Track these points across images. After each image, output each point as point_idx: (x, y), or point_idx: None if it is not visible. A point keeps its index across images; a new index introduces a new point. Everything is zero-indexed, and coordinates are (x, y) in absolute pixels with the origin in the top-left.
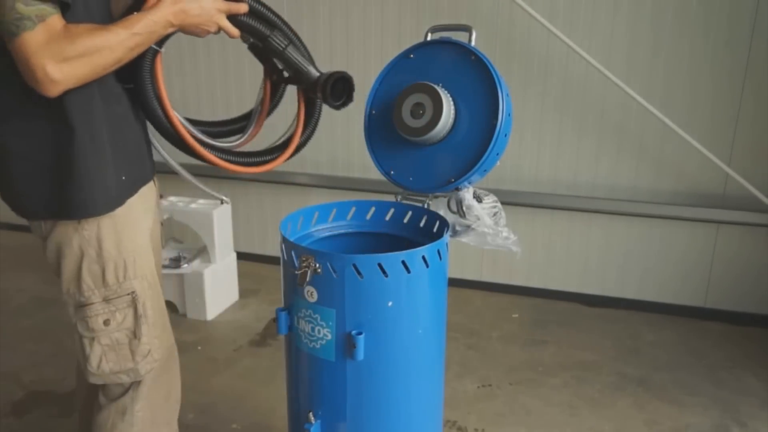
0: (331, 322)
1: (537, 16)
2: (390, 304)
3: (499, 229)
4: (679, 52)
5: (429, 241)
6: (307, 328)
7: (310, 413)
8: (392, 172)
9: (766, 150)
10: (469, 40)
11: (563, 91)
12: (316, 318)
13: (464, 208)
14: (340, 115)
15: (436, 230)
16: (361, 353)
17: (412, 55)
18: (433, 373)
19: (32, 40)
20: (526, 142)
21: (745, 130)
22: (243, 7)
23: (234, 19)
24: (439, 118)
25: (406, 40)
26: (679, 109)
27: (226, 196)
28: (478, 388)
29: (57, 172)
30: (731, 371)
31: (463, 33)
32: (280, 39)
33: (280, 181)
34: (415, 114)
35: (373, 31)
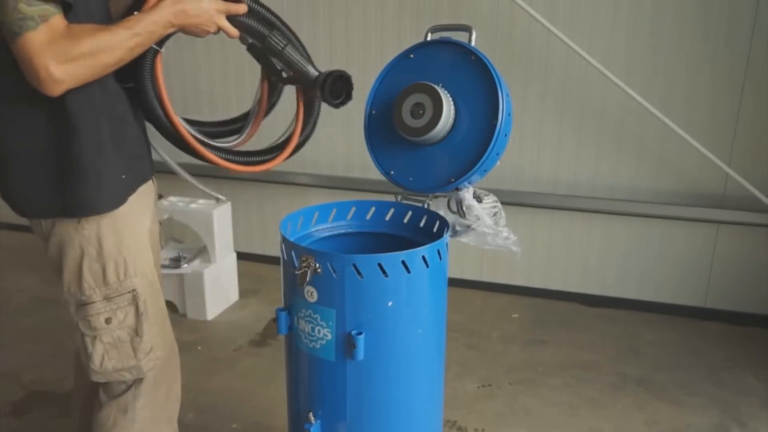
0: (331, 322)
1: (537, 16)
2: (390, 304)
3: (499, 229)
4: (679, 52)
5: (429, 241)
6: (307, 328)
7: (310, 413)
8: (392, 172)
9: (766, 150)
10: (469, 40)
11: (563, 91)
12: (316, 318)
13: (464, 208)
14: (340, 115)
15: (436, 230)
16: (361, 353)
17: (412, 55)
18: (433, 373)
19: (35, 40)
20: (526, 142)
21: (745, 130)
22: (242, 8)
23: (233, 19)
24: (439, 118)
25: (406, 40)
26: (679, 109)
27: (227, 197)
28: (478, 388)
29: (58, 171)
30: (731, 371)
31: (463, 33)
32: (279, 38)
33: (280, 181)
34: (415, 114)
35: (373, 31)
